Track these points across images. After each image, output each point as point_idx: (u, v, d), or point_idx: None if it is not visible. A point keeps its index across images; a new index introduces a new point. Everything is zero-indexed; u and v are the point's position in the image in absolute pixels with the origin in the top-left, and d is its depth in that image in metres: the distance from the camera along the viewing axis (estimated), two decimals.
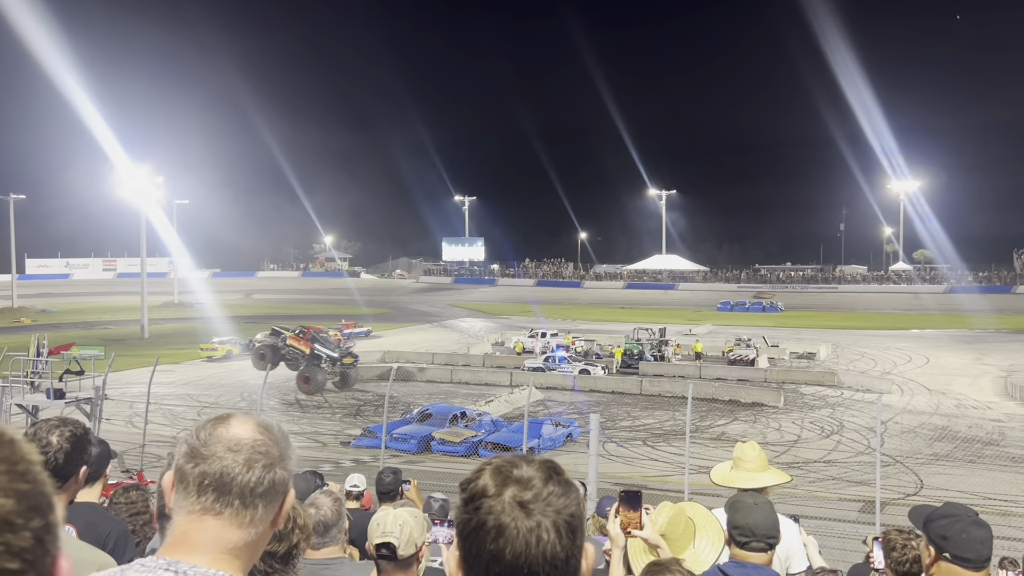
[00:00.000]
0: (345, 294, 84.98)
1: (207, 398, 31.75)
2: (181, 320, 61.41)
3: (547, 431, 24.03)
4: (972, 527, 2.47)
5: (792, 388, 33.78)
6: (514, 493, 1.20)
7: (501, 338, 50.43)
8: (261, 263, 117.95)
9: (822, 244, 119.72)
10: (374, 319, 60.69)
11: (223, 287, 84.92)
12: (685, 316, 66.34)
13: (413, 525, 2.96)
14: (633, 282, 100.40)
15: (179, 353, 42.46)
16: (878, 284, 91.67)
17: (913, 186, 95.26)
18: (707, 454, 21.03)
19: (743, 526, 2.75)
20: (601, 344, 44.63)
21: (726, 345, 43.83)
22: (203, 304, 64.43)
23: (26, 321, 60.67)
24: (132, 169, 61.53)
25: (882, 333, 54.47)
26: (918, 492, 19.00)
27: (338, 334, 38.22)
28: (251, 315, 61.90)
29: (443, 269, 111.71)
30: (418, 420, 25.40)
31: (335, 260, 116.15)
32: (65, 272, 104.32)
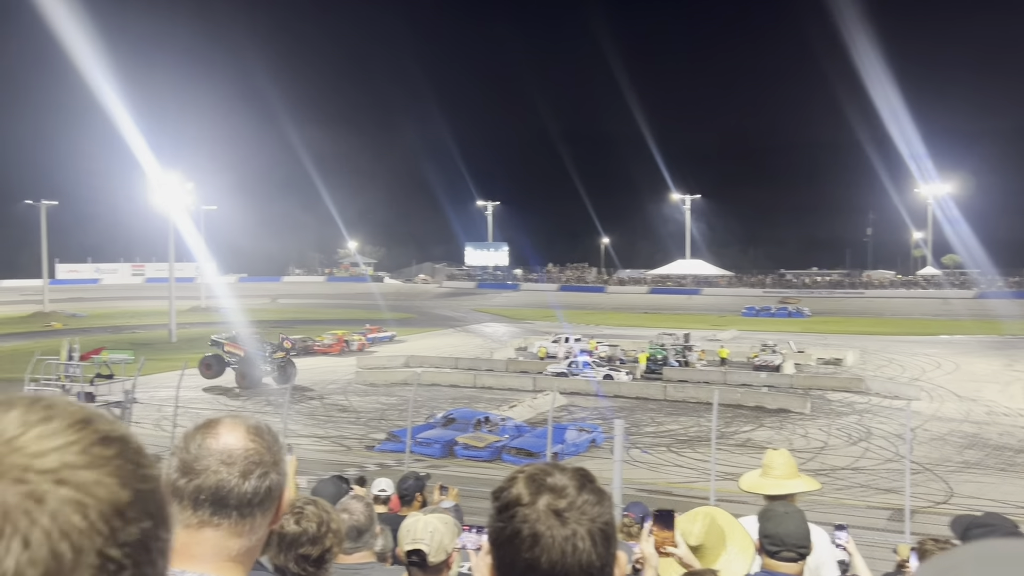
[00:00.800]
0: (369, 299, 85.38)
1: (233, 403, 32.04)
2: (208, 324, 61.98)
3: (571, 436, 23.98)
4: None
5: (818, 394, 33.48)
6: (549, 501, 1.21)
7: (524, 343, 50.41)
8: (287, 268, 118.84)
9: (849, 249, 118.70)
10: (397, 324, 60.92)
11: (249, 292, 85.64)
12: (710, 321, 65.96)
13: (444, 532, 2.98)
14: (657, 287, 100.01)
15: None
16: (906, 289, 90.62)
17: (942, 190, 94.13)
18: (732, 460, 20.89)
19: (773, 535, 2.74)
20: (625, 349, 44.49)
21: (751, 351, 43.54)
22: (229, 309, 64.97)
23: (57, 325, 61.55)
24: (162, 175, 62.29)
25: (910, 339, 53.82)
26: (948, 500, 18.77)
27: (284, 337, 39.00)
28: (277, 320, 62.37)
29: (466, 274, 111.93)
30: (442, 425, 25.46)
31: (359, 265, 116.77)
32: (95, 277, 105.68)
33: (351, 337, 49.31)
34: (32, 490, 0.62)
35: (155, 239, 77.78)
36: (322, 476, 5.07)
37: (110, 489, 0.66)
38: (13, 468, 0.63)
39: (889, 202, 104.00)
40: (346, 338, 48.83)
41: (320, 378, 36.91)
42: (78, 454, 0.66)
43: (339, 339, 48.35)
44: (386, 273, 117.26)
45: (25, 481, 0.62)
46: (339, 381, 36.96)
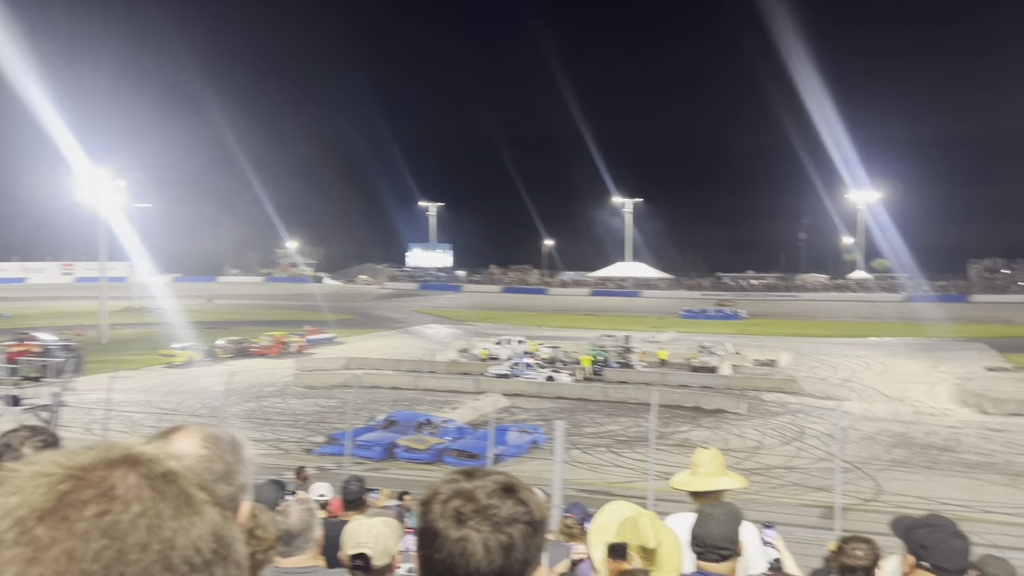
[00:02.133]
0: (309, 300, 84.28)
1: (167, 405, 31.27)
2: (141, 325, 60.45)
3: (512, 438, 24.04)
4: (951, 538, 2.55)
5: (754, 395, 34.16)
6: (457, 503, 1.21)
7: (467, 345, 50.34)
8: (223, 268, 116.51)
9: (783, 253, 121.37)
10: (338, 325, 60.24)
11: (184, 292, 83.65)
12: (649, 323, 66.80)
13: (388, 535, 2.97)
14: (598, 289, 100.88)
15: (139, 359, 41.77)
16: (838, 292, 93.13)
17: (872, 196, 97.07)
18: (671, 460, 21.14)
19: (696, 536, 2.80)
20: (567, 351, 44.77)
21: (689, 352, 44.20)
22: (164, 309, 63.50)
23: None
24: (92, 172, 60.50)
25: (841, 341, 55.34)
26: (877, 498, 19.34)
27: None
28: (213, 321, 61.14)
29: (409, 275, 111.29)
30: (383, 427, 25.26)
31: (299, 265, 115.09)
32: (22, 276, 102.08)
33: (290, 339, 48.59)
34: None
35: (86, 237, 75.59)
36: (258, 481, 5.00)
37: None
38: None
39: (822, 207, 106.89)
40: (284, 340, 48.10)
41: (257, 380, 36.31)
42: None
43: (277, 341, 47.60)
44: (326, 274, 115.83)
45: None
46: (277, 384, 36.39)
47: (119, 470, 0.66)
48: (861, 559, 3.81)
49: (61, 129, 61.52)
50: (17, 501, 0.62)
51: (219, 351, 44.93)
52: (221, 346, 45.52)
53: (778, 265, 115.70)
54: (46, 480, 0.64)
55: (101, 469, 0.66)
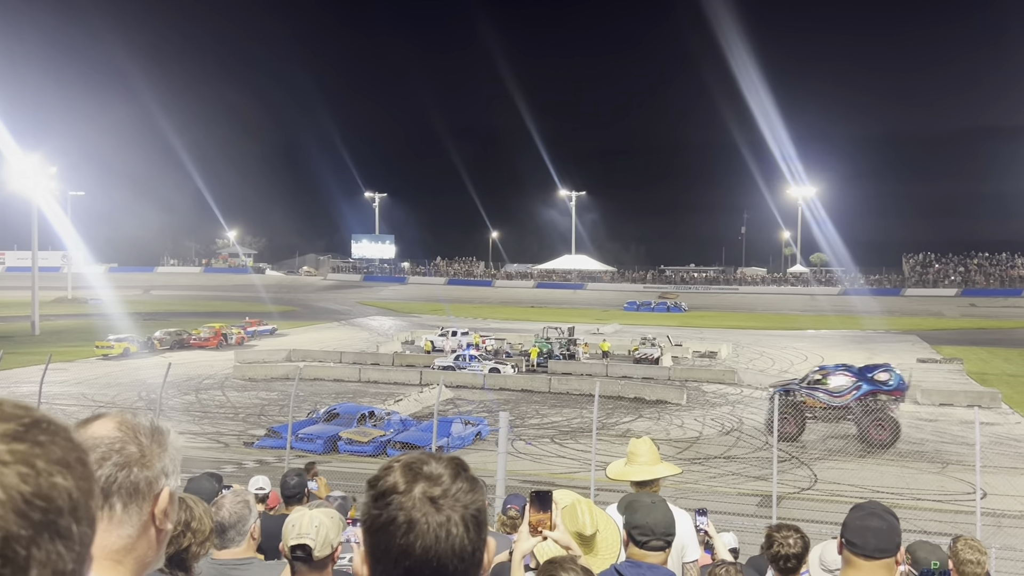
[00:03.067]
0: (250, 291, 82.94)
1: (103, 397, 30.48)
2: (75, 316, 58.79)
3: (456, 430, 24.01)
4: (870, 517, 2.63)
5: (695, 386, 34.69)
6: (424, 489, 1.25)
7: (411, 337, 50.10)
8: (161, 258, 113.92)
9: (724, 246, 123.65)
10: (280, 317, 59.43)
11: (120, 282, 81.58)
12: (593, 315, 67.34)
13: (329, 526, 2.94)
14: (543, 281, 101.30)
15: (73, 351, 40.63)
16: (776, 286, 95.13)
17: (810, 192, 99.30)
18: (613, 451, 21.39)
19: (643, 525, 2.83)
20: (511, 343, 44.87)
21: (632, 344, 44.67)
22: (99, 300, 61.81)
23: None
24: (22, 158, 58.49)
25: (780, 333, 56.55)
26: (812, 486, 19.82)
27: None
28: (150, 312, 59.75)
29: (352, 266, 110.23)
30: (325, 420, 24.99)
31: (239, 256, 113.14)
32: None
33: (229, 330, 47.75)
34: None
35: (16, 226, 73.10)
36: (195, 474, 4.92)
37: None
38: None
39: (762, 202, 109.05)
40: (224, 331, 47.25)
41: (196, 372, 35.60)
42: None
43: (216, 332, 46.74)
44: (268, 264, 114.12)
45: None
46: (216, 376, 35.74)
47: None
48: (792, 547, 3.92)
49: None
50: None
51: (157, 342, 43.98)
52: (159, 337, 44.55)
53: (719, 259, 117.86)
54: None
55: None
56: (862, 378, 25.96)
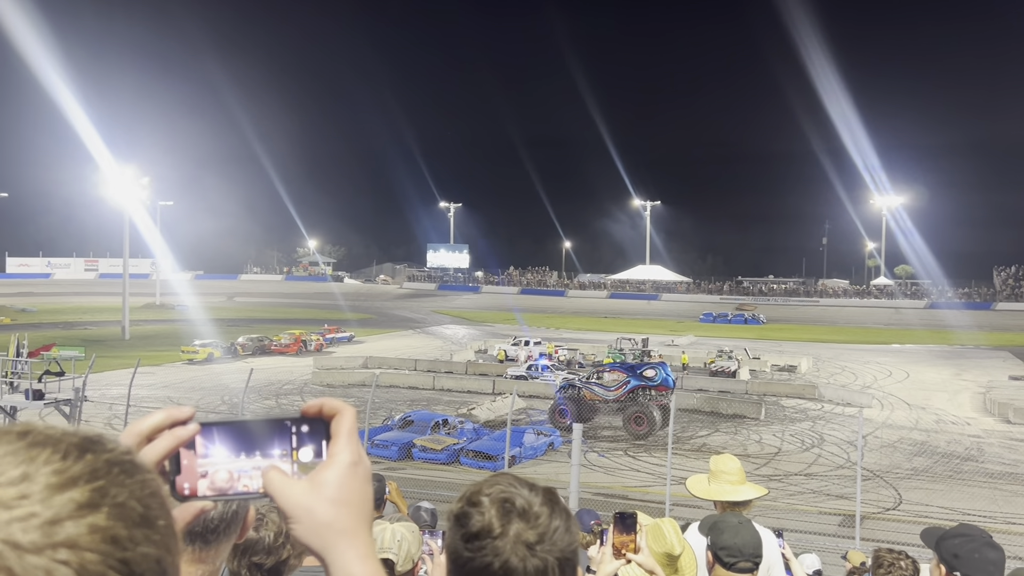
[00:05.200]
0: (328, 299, 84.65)
1: (187, 401, 31.49)
2: (163, 322, 60.97)
3: (529, 440, 23.99)
4: (985, 548, 2.50)
5: (773, 400, 33.91)
6: (520, 531, 1.19)
7: (484, 346, 50.35)
8: (244, 266, 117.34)
9: (805, 257, 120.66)
10: (357, 324, 60.45)
11: (206, 289, 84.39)
12: (668, 327, 66.53)
13: (411, 541, 2.95)
14: (617, 292, 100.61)
15: (160, 355, 42.11)
16: (859, 298, 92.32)
17: (896, 201, 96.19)
18: (688, 465, 21.04)
19: (730, 546, 2.76)
20: (584, 353, 44.66)
21: (708, 356, 43.97)
22: (185, 306, 64.01)
23: (5, 320, 59.98)
24: (117, 169, 61.18)
25: (863, 347, 54.83)
26: (897, 507, 19.13)
27: None
28: (233, 318, 61.54)
29: (427, 275, 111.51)
30: (400, 427, 25.29)
31: (319, 264, 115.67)
32: (46, 272, 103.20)
33: (309, 337, 48.83)
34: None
35: (110, 234, 76.39)
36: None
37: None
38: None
39: (844, 212, 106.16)
40: (304, 338, 48.34)
41: (276, 378, 36.49)
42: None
43: (296, 339, 47.84)
44: (346, 273, 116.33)
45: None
46: (296, 381, 36.56)
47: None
48: (904, 570, 3.74)
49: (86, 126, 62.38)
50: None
51: (239, 348, 45.27)
52: (241, 343, 45.85)
53: (800, 270, 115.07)
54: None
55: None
56: (632, 374, 28.84)
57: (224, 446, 0.89)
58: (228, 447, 0.89)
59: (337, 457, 0.89)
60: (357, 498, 0.89)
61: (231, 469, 0.89)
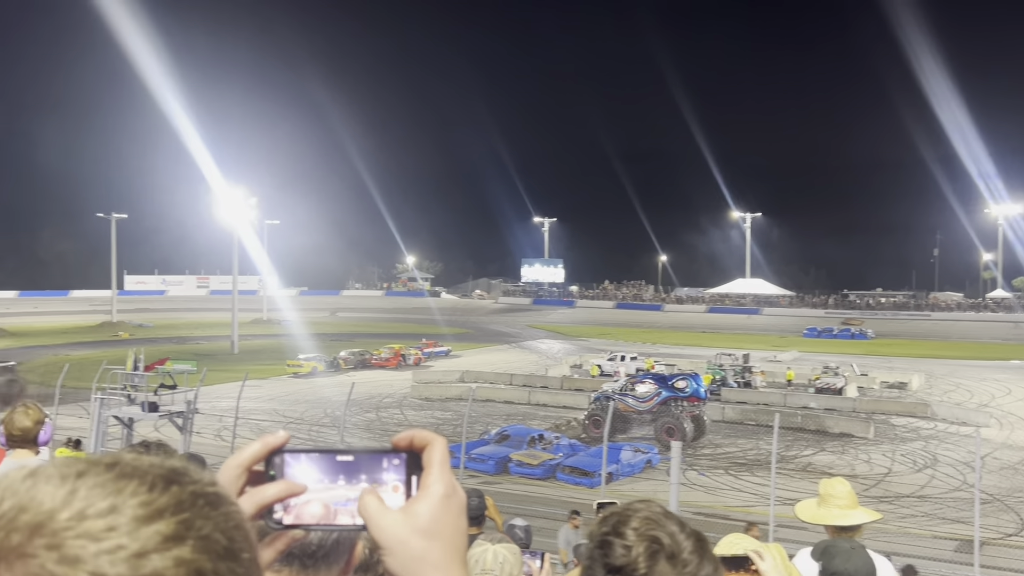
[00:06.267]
0: (426, 313, 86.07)
1: (292, 413, 32.52)
2: (269, 336, 63.18)
3: (626, 456, 23.74)
4: None
5: (882, 419, 32.60)
6: (666, 572, 1.14)
7: (580, 360, 50.17)
8: (346, 282, 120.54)
9: (914, 270, 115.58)
10: (454, 339, 61.22)
11: (309, 305, 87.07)
12: (770, 342, 64.83)
13: (513, 563, 2.94)
14: (715, 306, 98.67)
15: (267, 369, 43.62)
16: (975, 312, 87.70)
17: (1013, 210, 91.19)
18: (792, 485, 20.43)
19: (842, 572, 2.66)
20: (682, 369, 43.91)
21: (813, 373, 42.71)
22: (290, 321, 66.19)
23: (124, 335, 63.42)
24: (227, 190, 64.01)
25: (979, 363, 52.07)
26: (1020, 532, 18.05)
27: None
28: (335, 333, 63.26)
29: (522, 290, 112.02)
30: (496, 441, 25.44)
31: (417, 280, 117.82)
32: (161, 288, 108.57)
33: (407, 351, 49.76)
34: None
35: (220, 252, 79.72)
36: None
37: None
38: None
39: (957, 222, 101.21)
40: (403, 352, 49.28)
41: (376, 391, 37.27)
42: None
43: (396, 353, 48.82)
44: (443, 288, 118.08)
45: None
46: (395, 395, 37.27)
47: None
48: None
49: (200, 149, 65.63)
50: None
51: (341, 362, 46.52)
52: (343, 357, 47.11)
53: (909, 283, 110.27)
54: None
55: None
56: (663, 386, 29.02)
57: (316, 475, 0.90)
58: (320, 476, 0.90)
59: (430, 489, 0.87)
60: (450, 531, 0.87)
61: (324, 499, 0.89)
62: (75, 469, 0.64)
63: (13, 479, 0.63)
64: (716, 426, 31.43)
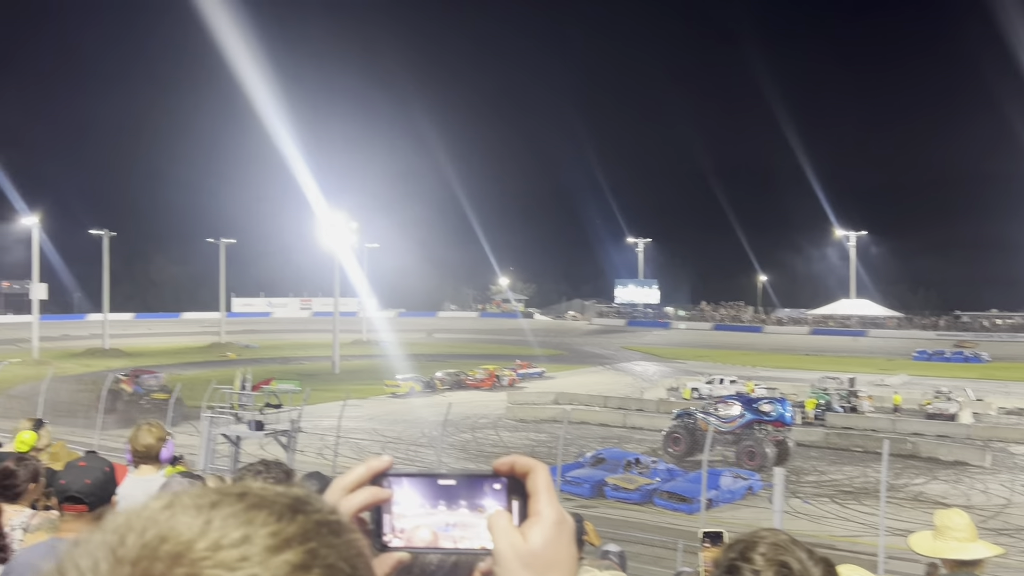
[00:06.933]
0: (520, 335, 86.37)
1: (390, 433, 33.11)
2: (368, 357, 64.60)
3: (726, 483, 23.19)
4: None
5: (1000, 447, 30.89)
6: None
7: (676, 383, 49.40)
8: (442, 304, 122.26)
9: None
10: (547, 360, 61.22)
11: (407, 326, 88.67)
12: (877, 365, 62.35)
13: None
14: (819, 328, 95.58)
15: (366, 389, 44.56)
16: None
17: None
18: (903, 515, 19.56)
19: None
20: (784, 393, 42.69)
21: (924, 398, 40.88)
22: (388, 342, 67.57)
23: (232, 356, 66.00)
24: (329, 215, 66.09)
25: None
26: None
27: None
28: (432, 354, 64.17)
29: (616, 311, 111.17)
30: (591, 464, 25.25)
31: (510, 301, 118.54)
32: (267, 310, 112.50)
33: (502, 372, 50.05)
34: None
35: (322, 275, 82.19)
36: None
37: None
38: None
39: None
40: (497, 373, 49.60)
41: (472, 412, 37.57)
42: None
43: (490, 374, 49.19)
44: (536, 309, 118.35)
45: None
46: (490, 416, 37.49)
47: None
48: None
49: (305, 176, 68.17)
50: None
51: (438, 382, 47.17)
52: (439, 378, 47.77)
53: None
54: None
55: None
56: (748, 408, 28.55)
57: (419, 499, 0.92)
58: (422, 500, 0.92)
59: (542, 515, 0.87)
60: (564, 556, 0.87)
61: (430, 523, 0.91)
62: (209, 500, 0.66)
63: (153, 509, 0.65)
64: (821, 452, 30.41)
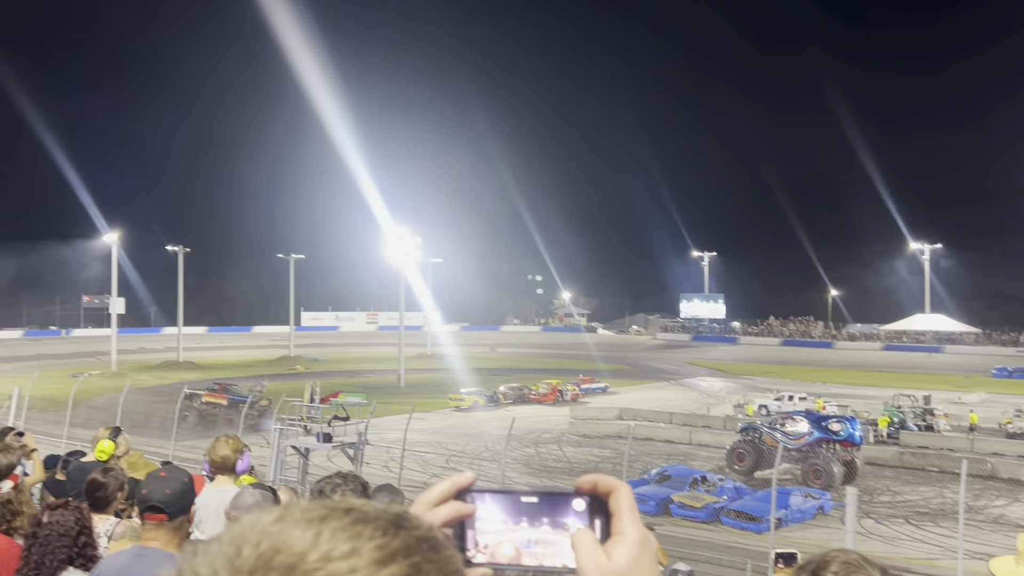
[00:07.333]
0: (582, 349, 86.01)
1: (454, 446, 33.27)
2: (432, 371, 65.13)
3: (796, 502, 22.67)
4: None
5: None
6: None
7: (743, 400, 48.54)
8: (505, 318, 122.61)
9: None
10: (611, 375, 60.79)
11: (470, 340, 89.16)
12: (953, 382, 60.24)
13: None
14: (892, 343, 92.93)
15: (431, 402, 44.90)
16: None
17: None
18: (982, 538, 18.83)
19: None
20: (856, 410, 41.56)
21: (1004, 416, 39.33)
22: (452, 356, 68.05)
23: (300, 369, 67.31)
24: (395, 231, 67.09)
25: None
26: None
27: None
28: (495, 368, 64.35)
29: (681, 326, 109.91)
30: (656, 481, 24.96)
31: (573, 316, 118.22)
32: (335, 324, 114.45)
33: (565, 387, 49.90)
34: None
35: (388, 290, 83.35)
36: None
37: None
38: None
39: None
40: (560, 388, 49.47)
41: (535, 427, 37.52)
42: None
43: (553, 388, 49.08)
44: (599, 324, 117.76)
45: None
46: (553, 431, 37.38)
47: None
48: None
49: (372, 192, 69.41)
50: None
51: (501, 396, 47.27)
52: (503, 392, 47.87)
53: None
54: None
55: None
56: (816, 426, 28.20)
57: (501, 515, 0.93)
58: (504, 517, 0.93)
59: (626, 534, 0.89)
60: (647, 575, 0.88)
61: (513, 540, 0.92)
62: (318, 513, 0.69)
63: (265, 522, 0.68)
64: (895, 472, 29.51)
